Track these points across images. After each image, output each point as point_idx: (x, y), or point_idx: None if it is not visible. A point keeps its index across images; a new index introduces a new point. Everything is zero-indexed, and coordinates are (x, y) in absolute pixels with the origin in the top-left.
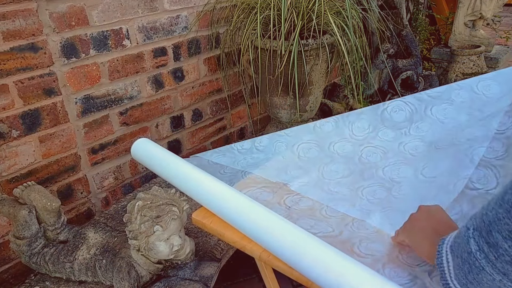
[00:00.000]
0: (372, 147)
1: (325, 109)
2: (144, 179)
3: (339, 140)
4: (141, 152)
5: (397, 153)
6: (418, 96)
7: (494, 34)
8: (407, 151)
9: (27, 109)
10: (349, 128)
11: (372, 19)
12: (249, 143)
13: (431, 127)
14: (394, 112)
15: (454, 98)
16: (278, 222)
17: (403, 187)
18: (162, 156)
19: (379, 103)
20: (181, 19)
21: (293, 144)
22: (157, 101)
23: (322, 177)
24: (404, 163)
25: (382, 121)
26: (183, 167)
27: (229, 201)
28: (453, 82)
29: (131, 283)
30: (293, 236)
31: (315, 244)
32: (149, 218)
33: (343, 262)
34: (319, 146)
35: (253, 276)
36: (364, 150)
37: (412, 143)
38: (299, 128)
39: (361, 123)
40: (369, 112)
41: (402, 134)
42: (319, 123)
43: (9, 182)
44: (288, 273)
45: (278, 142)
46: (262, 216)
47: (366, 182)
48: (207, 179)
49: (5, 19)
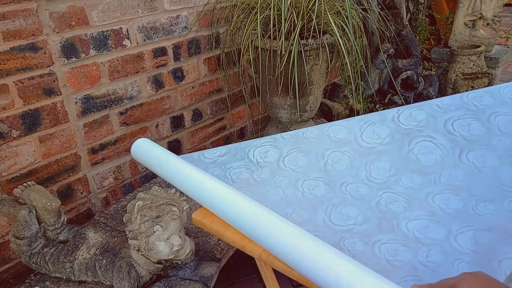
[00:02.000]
0: (393, 194)
1: (325, 109)
2: (144, 179)
3: (354, 181)
4: (141, 152)
5: (424, 206)
6: (451, 138)
7: (494, 34)
8: (436, 205)
9: (27, 109)
10: (367, 169)
11: (372, 19)
12: (246, 173)
13: (467, 176)
14: (422, 154)
15: (496, 145)
16: (278, 223)
17: (432, 252)
18: (162, 156)
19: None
20: (181, 19)
21: (297, 180)
22: (157, 101)
23: (330, 221)
24: (434, 221)
25: (407, 163)
26: (183, 167)
27: (229, 202)
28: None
29: (131, 283)
30: (293, 237)
31: (314, 244)
32: (149, 218)
33: (343, 262)
34: (328, 185)
35: (253, 276)
36: (383, 196)
37: (443, 195)
38: (307, 164)
39: (381, 164)
40: (391, 151)
41: (431, 182)
42: (330, 161)
43: (9, 182)
44: (288, 273)
45: (281, 176)
46: (262, 216)
47: (384, 236)
48: (207, 179)
49: (5, 19)
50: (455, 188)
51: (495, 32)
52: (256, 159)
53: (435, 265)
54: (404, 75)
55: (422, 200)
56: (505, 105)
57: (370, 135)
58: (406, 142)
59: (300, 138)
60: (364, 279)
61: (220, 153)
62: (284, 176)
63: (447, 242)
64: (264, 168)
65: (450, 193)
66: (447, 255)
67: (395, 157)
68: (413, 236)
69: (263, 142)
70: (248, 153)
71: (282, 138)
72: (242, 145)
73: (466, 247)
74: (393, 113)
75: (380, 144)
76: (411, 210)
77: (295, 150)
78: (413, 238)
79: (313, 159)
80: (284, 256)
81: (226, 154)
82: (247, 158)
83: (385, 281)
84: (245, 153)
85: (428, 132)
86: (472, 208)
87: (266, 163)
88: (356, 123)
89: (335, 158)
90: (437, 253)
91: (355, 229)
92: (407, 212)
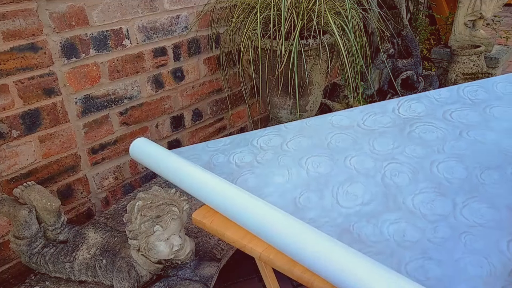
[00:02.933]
0: (398, 164)
1: (325, 109)
2: (144, 179)
3: (357, 154)
4: (139, 152)
5: (429, 177)
6: (450, 123)
7: (494, 34)
8: (441, 174)
9: (27, 109)
10: (370, 144)
11: (372, 19)
12: (250, 157)
13: (470, 147)
14: (423, 133)
15: (494, 126)
16: (281, 218)
17: (439, 228)
18: (161, 154)
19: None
20: (181, 19)
21: (301, 158)
22: (157, 101)
23: (337, 203)
24: (439, 193)
25: (410, 139)
26: (182, 164)
27: (230, 198)
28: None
29: (131, 283)
30: (296, 231)
31: (319, 238)
32: (149, 218)
33: (348, 255)
34: (332, 160)
35: (253, 276)
36: (388, 167)
37: (447, 163)
38: (310, 145)
39: (383, 140)
40: (393, 132)
41: (435, 152)
42: (333, 141)
43: (9, 182)
44: (288, 273)
45: (284, 156)
46: (266, 211)
47: (392, 215)
48: (206, 176)
49: (5, 19)
50: (459, 156)
51: (495, 32)
52: (259, 145)
53: (442, 240)
54: (404, 75)
55: (427, 170)
56: (499, 99)
57: (371, 122)
58: (407, 126)
59: (304, 127)
60: (368, 271)
61: (224, 143)
62: (288, 156)
63: (453, 217)
64: (267, 151)
65: (455, 161)
66: (454, 229)
67: (397, 135)
68: (419, 213)
69: (267, 132)
70: (252, 141)
71: (285, 128)
72: (246, 135)
73: (472, 220)
74: (393, 105)
75: (382, 127)
76: (416, 182)
77: (298, 136)
78: (419, 215)
79: (316, 141)
80: (287, 250)
81: (230, 143)
82: (251, 144)
83: (388, 272)
84: (249, 141)
85: (428, 119)
86: (476, 177)
87: (270, 147)
88: (358, 113)
89: (338, 139)
90: (444, 228)
91: (363, 210)
92: (412, 185)
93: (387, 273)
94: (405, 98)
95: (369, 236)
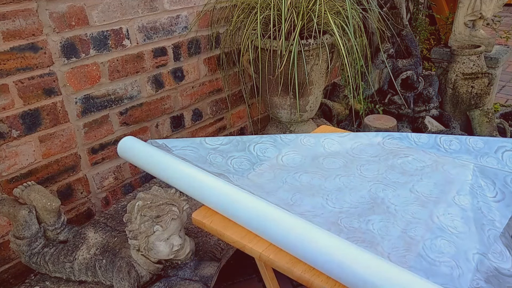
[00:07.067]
0: (382, 185)
1: (325, 109)
2: (144, 179)
3: (347, 175)
4: (127, 151)
5: (408, 194)
6: (429, 157)
7: (494, 34)
8: (420, 194)
9: (27, 109)
10: (358, 169)
11: (372, 19)
12: (247, 164)
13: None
14: (404, 164)
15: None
16: (278, 214)
17: (417, 227)
18: (149, 152)
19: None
20: (181, 19)
21: (296, 172)
22: (157, 101)
23: (327, 204)
24: (419, 205)
25: (393, 168)
26: (171, 161)
27: (226, 195)
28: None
29: (131, 283)
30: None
31: (320, 235)
32: (149, 218)
33: (348, 250)
34: (324, 177)
35: (253, 276)
36: (374, 186)
37: (427, 187)
38: (303, 163)
39: (370, 166)
40: (379, 161)
41: (414, 181)
42: (325, 163)
43: (9, 182)
44: (288, 273)
45: (279, 170)
46: (263, 208)
47: (377, 217)
48: (194, 171)
49: (5, 19)
50: (435, 183)
51: (495, 32)
52: (256, 153)
53: (420, 238)
54: (404, 75)
55: (407, 190)
56: (468, 153)
57: (359, 151)
58: (390, 157)
59: (298, 144)
60: (370, 266)
61: (222, 142)
62: (283, 169)
63: (430, 220)
64: (264, 161)
65: (432, 186)
66: (429, 230)
67: (381, 164)
68: (401, 217)
69: (263, 140)
70: (249, 147)
71: (281, 140)
72: (243, 138)
73: (447, 227)
74: (379, 140)
75: (368, 157)
76: (398, 196)
77: (293, 152)
78: (402, 218)
79: (309, 161)
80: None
81: (228, 144)
82: (248, 150)
83: (390, 265)
84: (246, 146)
85: (409, 152)
86: (451, 199)
87: (266, 157)
88: (348, 141)
89: (329, 162)
90: (421, 228)
91: (350, 211)
92: (395, 198)
93: (374, 259)
94: (388, 135)
95: (356, 229)
